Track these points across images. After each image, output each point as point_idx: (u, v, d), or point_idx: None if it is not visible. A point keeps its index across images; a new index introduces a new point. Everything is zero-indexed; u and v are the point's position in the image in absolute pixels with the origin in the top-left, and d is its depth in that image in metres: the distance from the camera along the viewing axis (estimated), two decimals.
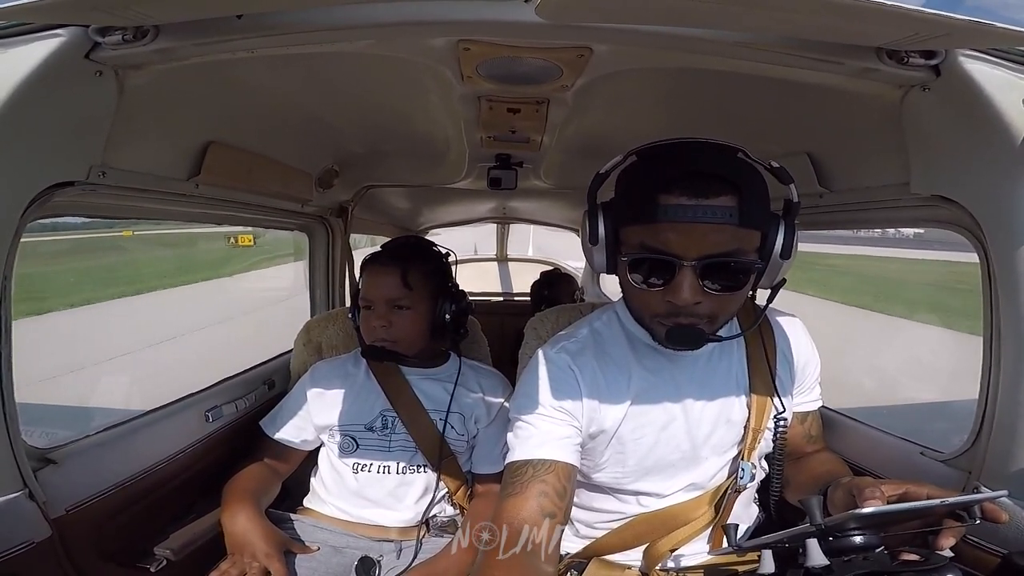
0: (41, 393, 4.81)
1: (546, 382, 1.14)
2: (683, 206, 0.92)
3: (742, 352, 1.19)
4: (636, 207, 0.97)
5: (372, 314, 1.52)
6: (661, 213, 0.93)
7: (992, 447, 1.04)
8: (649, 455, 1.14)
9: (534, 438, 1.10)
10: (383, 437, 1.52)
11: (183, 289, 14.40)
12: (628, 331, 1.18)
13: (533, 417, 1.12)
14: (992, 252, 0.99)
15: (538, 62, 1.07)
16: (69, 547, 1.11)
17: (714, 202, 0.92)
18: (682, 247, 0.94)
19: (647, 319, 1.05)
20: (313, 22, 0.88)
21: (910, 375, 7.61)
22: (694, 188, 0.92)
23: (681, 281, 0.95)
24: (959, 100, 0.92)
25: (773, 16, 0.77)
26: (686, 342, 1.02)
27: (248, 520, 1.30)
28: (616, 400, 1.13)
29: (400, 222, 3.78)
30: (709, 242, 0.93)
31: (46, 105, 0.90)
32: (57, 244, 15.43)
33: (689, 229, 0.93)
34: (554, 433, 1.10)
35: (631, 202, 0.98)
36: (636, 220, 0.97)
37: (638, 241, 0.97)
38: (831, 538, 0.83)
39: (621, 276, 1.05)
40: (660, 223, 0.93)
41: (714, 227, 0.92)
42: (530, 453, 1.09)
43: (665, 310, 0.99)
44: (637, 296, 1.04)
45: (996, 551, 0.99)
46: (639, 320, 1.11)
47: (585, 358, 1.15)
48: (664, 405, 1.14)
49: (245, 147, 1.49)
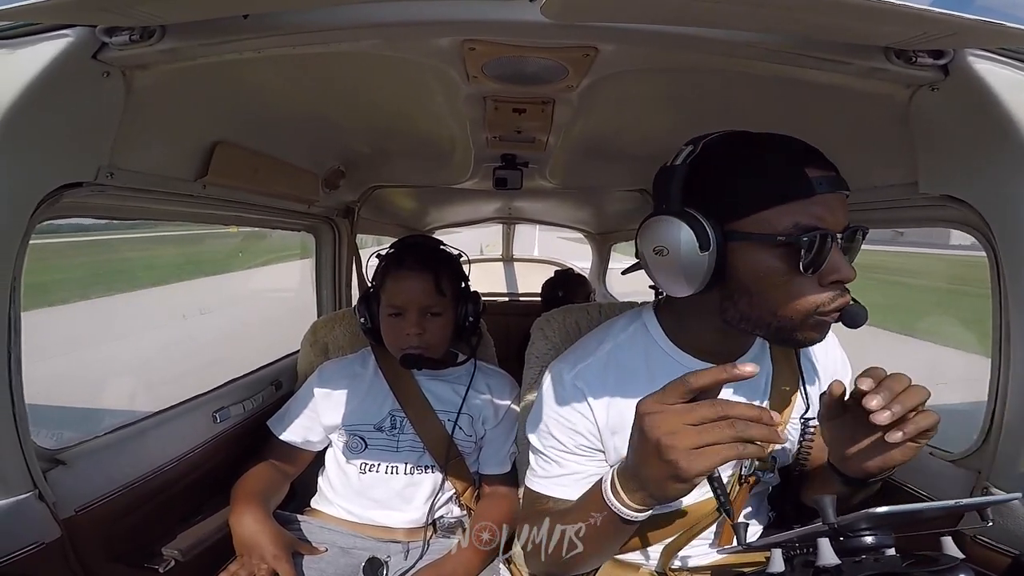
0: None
1: (562, 415, 1.09)
2: (828, 177, 0.88)
3: (768, 358, 1.14)
4: (784, 183, 0.88)
5: (404, 321, 1.49)
6: (817, 184, 0.86)
7: (1002, 447, 1.03)
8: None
9: (556, 475, 1.08)
10: (391, 437, 1.52)
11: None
12: (658, 347, 1.09)
13: (553, 452, 1.09)
14: (1002, 252, 0.99)
15: (544, 62, 1.06)
16: (78, 548, 1.11)
17: (835, 173, 0.89)
18: (834, 220, 0.88)
19: (800, 317, 0.91)
20: (319, 22, 0.88)
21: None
22: (822, 159, 0.89)
23: (838, 257, 0.88)
24: (968, 100, 0.92)
25: (780, 16, 0.77)
26: (863, 317, 0.90)
27: (256, 521, 1.31)
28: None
29: (406, 222, 3.78)
30: (845, 213, 0.90)
31: (54, 106, 0.91)
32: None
33: (835, 200, 0.88)
34: (578, 473, 1.08)
35: (771, 180, 0.89)
36: (785, 198, 0.87)
37: (789, 222, 0.87)
38: (842, 538, 0.83)
39: (753, 274, 0.92)
40: (813, 196, 0.86)
41: (843, 197, 0.90)
42: (551, 490, 1.08)
43: (829, 297, 0.89)
44: (789, 292, 0.90)
45: (1008, 552, 0.99)
46: (769, 322, 0.94)
47: (603, 383, 1.07)
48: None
49: (252, 147, 1.49)
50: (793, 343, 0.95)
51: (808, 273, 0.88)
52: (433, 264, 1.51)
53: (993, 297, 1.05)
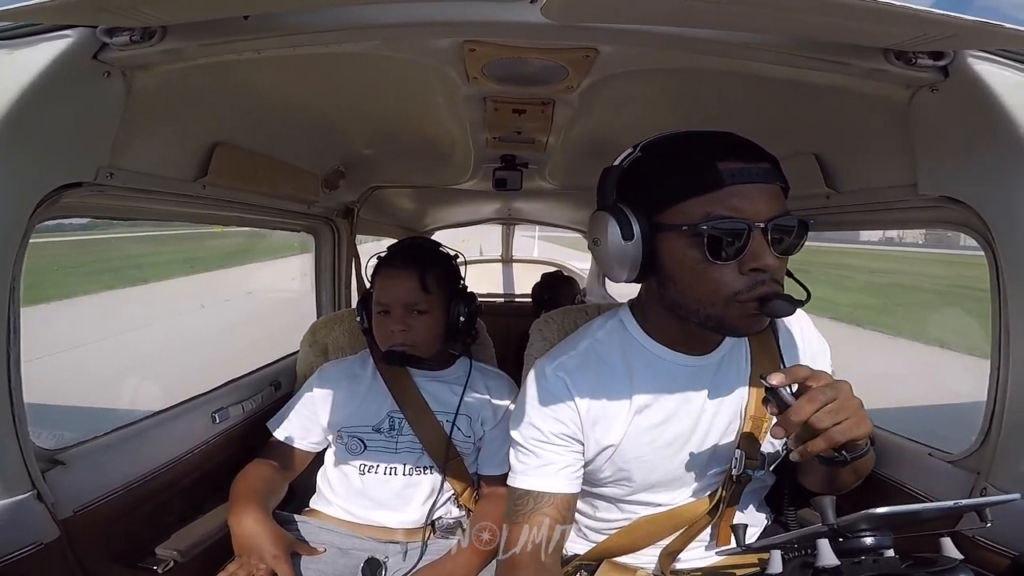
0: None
1: (544, 404, 1.11)
2: (746, 168, 0.91)
3: (745, 351, 1.15)
4: (694, 177, 0.92)
5: (389, 318, 1.50)
6: (728, 176, 0.90)
7: (1001, 447, 1.03)
8: (653, 471, 1.11)
9: (534, 467, 1.11)
10: (390, 438, 1.52)
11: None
12: (635, 341, 1.12)
13: (533, 443, 1.11)
14: (1001, 253, 0.99)
15: (544, 63, 1.07)
16: (77, 548, 1.11)
17: (763, 165, 0.93)
18: (753, 210, 0.91)
19: (720, 304, 0.94)
20: (319, 23, 0.88)
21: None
22: (747, 152, 0.93)
23: (759, 246, 0.91)
24: (967, 101, 0.92)
25: (780, 17, 0.77)
26: (786, 309, 0.92)
27: (255, 522, 1.30)
28: (617, 419, 1.09)
29: (406, 223, 3.79)
30: (772, 204, 0.92)
31: (54, 106, 0.91)
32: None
33: (755, 191, 0.91)
34: (555, 463, 1.10)
35: (684, 175, 0.93)
36: (697, 191, 0.92)
37: (701, 212, 0.91)
38: (841, 539, 0.83)
39: (675, 262, 0.97)
40: (726, 188, 0.90)
41: (771, 188, 0.93)
42: (531, 484, 1.10)
43: (746, 284, 0.92)
44: (705, 279, 0.94)
45: (1007, 552, 0.99)
46: (697, 309, 0.98)
47: (583, 375, 1.11)
48: (670, 421, 1.10)
49: (252, 148, 1.49)
50: (727, 331, 1.01)
51: (726, 260, 0.92)
52: (419, 262, 1.51)
53: (992, 299, 1.05)
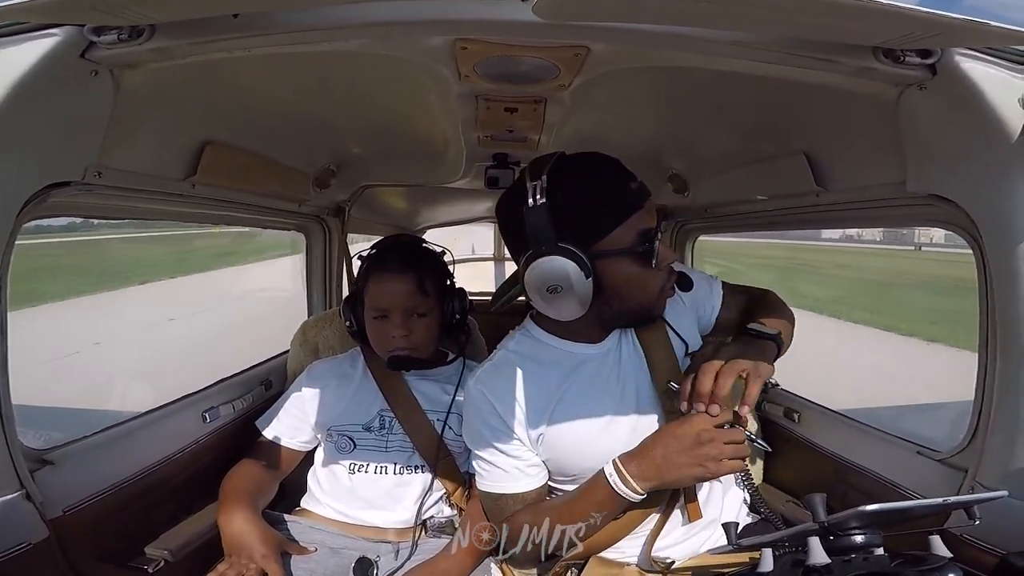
0: None
1: (475, 415, 1.23)
2: (639, 187, 1.12)
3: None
4: (618, 205, 1.09)
5: (389, 323, 1.49)
6: (637, 197, 1.10)
7: (989, 445, 1.04)
8: (592, 455, 1.15)
9: (499, 476, 1.21)
10: (380, 437, 1.52)
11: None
12: (542, 343, 1.25)
13: (487, 452, 1.21)
14: (988, 251, 1.00)
15: (536, 61, 1.06)
16: (66, 548, 1.10)
17: (640, 181, 1.13)
18: (652, 219, 1.12)
19: (655, 299, 1.16)
20: (309, 21, 0.88)
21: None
22: (631, 173, 1.13)
23: (663, 247, 1.11)
24: (955, 99, 0.92)
25: (769, 15, 0.77)
26: (686, 282, 1.23)
27: (245, 521, 1.30)
28: (538, 414, 1.18)
29: (397, 222, 3.77)
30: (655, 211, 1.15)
31: (42, 105, 0.90)
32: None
33: (649, 204, 1.12)
34: (514, 465, 1.20)
35: (609, 206, 1.09)
36: (624, 216, 1.09)
37: (632, 234, 1.09)
38: (832, 536, 0.83)
39: (621, 280, 1.12)
40: (638, 208, 1.10)
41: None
42: (503, 488, 1.21)
43: (665, 277, 1.16)
44: (645, 285, 1.14)
45: (995, 551, 1.00)
46: (638, 311, 1.17)
47: (497, 381, 1.22)
48: (591, 404, 1.19)
49: (242, 147, 1.48)
50: (654, 319, 1.21)
51: (655, 266, 1.10)
52: (416, 264, 1.50)
53: (980, 296, 1.06)
